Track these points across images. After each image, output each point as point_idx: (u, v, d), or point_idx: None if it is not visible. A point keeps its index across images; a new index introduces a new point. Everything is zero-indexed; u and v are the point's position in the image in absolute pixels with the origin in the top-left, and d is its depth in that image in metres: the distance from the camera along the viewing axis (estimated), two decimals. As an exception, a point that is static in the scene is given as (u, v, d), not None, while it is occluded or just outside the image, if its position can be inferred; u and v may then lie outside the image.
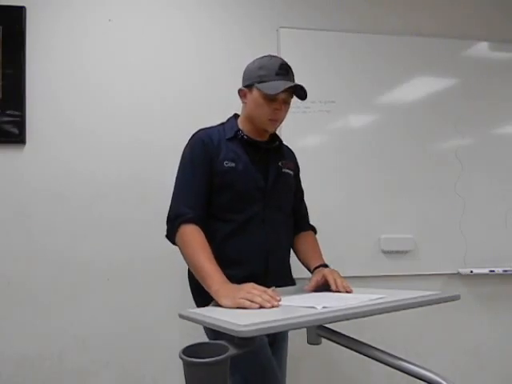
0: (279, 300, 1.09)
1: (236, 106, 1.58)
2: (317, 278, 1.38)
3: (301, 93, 1.45)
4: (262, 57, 1.48)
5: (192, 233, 1.33)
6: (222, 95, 2.11)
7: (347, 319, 0.91)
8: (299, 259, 1.59)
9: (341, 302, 1.06)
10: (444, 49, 2.37)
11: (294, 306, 1.07)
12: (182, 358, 0.82)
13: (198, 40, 2.17)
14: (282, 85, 1.39)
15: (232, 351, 0.85)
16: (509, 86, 2.45)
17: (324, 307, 0.97)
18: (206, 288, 1.24)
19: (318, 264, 1.47)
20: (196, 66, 2.15)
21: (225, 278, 1.23)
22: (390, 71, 2.32)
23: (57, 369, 1.94)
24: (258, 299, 1.06)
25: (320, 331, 1.11)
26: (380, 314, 0.96)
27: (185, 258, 1.33)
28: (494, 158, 2.41)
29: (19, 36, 1.98)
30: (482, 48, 2.44)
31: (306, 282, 1.42)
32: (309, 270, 1.51)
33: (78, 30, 2.05)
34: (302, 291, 1.37)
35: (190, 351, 0.84)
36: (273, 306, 1.04)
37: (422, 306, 1.02)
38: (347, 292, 1.28)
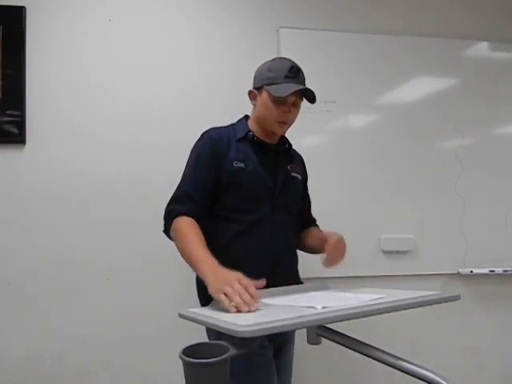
0: (259, 303, 1.05)
1: (236, 106, 1.58)
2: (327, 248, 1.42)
3: (310, 96, 1.46)
4: (273, 59, 1.49)
5: (184, 223, 1.33)
6: (222, 95, 2.11)
7: (347, 319, 0.90)
8: (306, 248, 1.62)
9: (341, 301, 1.05)
10: (444, 49, 2.37)
11: (294, 306, 1.06)
12: (181, 358, 0.81)
13: (198, 40, 2.17)
14: (291, 87, 1.39)
15: (232, 352, 0.84)
16: (509, 85, 2.45)
17: (324, 307, 0.97)
18: (196, 271, 1.23)
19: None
20: (196, 66, 2.15)
21: (214, 261, 1.20)
22: (390, 71, 2.32)
23: (57, 369, 1.94)
24: (237, 299, 1.02)
25: (320, 331, 1.10)
26: (380, 314, 0.95)
27: (178, 249, 1.32)
28: (494, 157, 2.41)
29: (19, 36, 1.98)
30: (482, 48, 2.44)
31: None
32: (315, 246, 1.54)
33: (78, 30, 2.05)
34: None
35: (190, 351, 0.83)
36: (249, 311, 1.01)
37: (422, 306, 1.02)
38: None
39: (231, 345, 0.85)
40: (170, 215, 1.37)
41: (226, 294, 1.05)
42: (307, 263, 1.62)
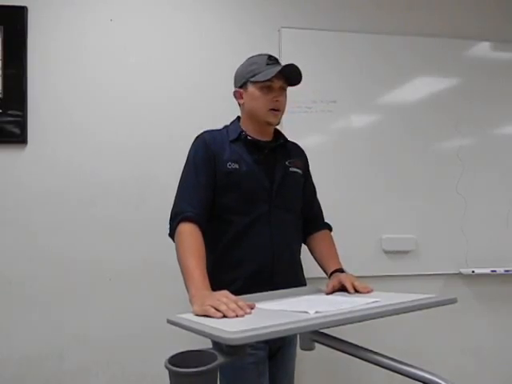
0: (249, 312, 1.03)
1: (237, 107, 1.58)
2: (333, 283, 1.37)
3: (295, 76, 1.45)
4: (251, 56, 1.51)
5: (188, 234, 1.31)
6: (223, 96, 2.09)
7: (340, 325, 0.88)
8: (315, 260, 1.58)
9: (335, 306, 1.03)
10: (445, 49, 2.36)
11: (286, 311, 1.04)
12: (167, 368, 0.78)
13: (200, 41, 2.16)
14: (276, 69, 1.41)
15: (220, 359, 0.81)
16: (510, 85, 2.44)
17: (317, 312, 0.95)
18: (186, 289, 1.22)
19: (334, 268, 1.45)
20: (197, 66, 2.15)
21: (207, 285, 1.20)
22: (391, 71, 2.31)
23: (57, 368, 1.95)
24: (223, 307, 1.01)
25: (313, 336, 1.07)
26: (374, 318, 0.93)
27: (177, 258, 1.30)
28: (495, 157, 2.40)
29: (21, 36, 1.98)
30: (483, 48, 2.43)
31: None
32: (325, 273, 1.51)
33: (79, 30, 2.05)
34: (305, 293, 1.35)
35: (176, 360, 0.80)
36: (237, 316, 0.99)
37: (417, 310, 1.00)
38: (367, 292, 1.28)
39: (220, 352, 0.82)
40: (175, 220, 1.35)
41: (212, 307, 1.03)
42: (307, 263, 1.61)
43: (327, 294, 1.35)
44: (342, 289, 1.34)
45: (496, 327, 2.38)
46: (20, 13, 1.98)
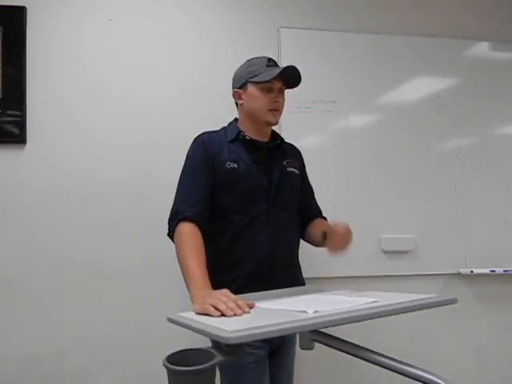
0: (248, 311, 1.03)
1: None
2: (323, 232, 1.47)
3: (295, 78, 1.47)
4: (250, 59, 1.52)
5: (188, 233, 1.32)
6: (223, 96, 2.09)
7: (338, 324, 0.88)
8: (312, 240, 1.61)
9: (334, 305, 1.03)
10: (444, 48, 2.36)
11: (285, 310, 1.04)
12: (165, 366, 0.78)
13: (199, 41, 2.16)
14: (276, 71, 1.43)
15: (219, 358, 0.81)
16: (509, 85, 2.44)
17: (315, 311, 0.95)
18: (187, 287, 1.23)
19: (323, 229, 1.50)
20: (197, 66, 2.15)
21: (207, 283, 1.21)
22: (391, 71, 2.31)
23: (57, 368, 1.94)
24: (222, 306, 1.02)
25: (313, 335, 1.07)
26: (374, 318, 0.93)
27: (177, 258, 1.31)
28: (494, 157, 2.40)
29: (20, 36, 1.98)
30: (482, 48, 2.44)
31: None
32: (320, 242, 1.53)
33: (78, 29, 2.05)
34: (304, 293, 1.35)
35: (175, 358, 0.80)
36: (235, 315, 0.99)
37: (417, 310, 1.00)
38: (346, 229, 1.42)
39: (219, 351, 0.82)
40: (174, 220, 1.35)
41: (211, 305, 1.04)
42: (307, 263, 1.61)
43: (332, 250, 1.45)
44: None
45: (496, 327, 2.38)
46: (19, 13, 1.98)
